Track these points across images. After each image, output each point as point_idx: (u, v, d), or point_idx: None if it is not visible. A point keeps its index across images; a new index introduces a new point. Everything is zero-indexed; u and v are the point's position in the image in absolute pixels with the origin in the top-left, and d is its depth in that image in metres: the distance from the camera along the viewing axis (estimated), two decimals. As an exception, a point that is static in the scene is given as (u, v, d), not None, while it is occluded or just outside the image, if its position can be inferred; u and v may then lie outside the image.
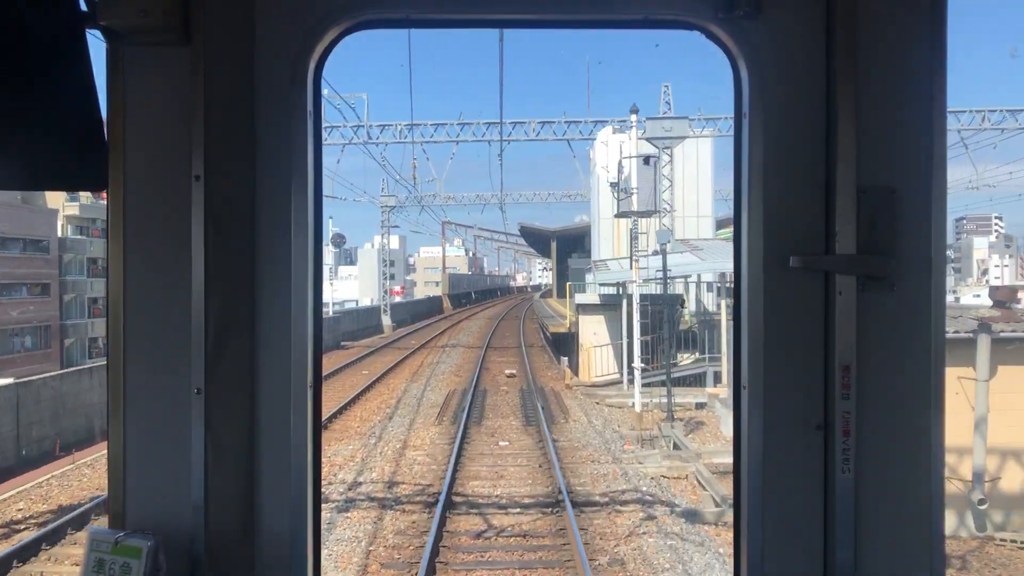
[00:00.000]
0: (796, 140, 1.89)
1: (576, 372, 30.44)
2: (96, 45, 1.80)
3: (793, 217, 1.89)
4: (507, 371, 32.02)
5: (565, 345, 35.38)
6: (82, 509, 14.98)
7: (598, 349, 29.80)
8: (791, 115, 1.89)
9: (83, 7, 1.74)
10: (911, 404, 1.88)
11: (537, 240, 79.06)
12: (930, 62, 1.87)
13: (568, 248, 66.29)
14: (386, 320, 59.87)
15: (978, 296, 43.26)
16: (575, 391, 27.39)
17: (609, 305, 30.72)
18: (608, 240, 41.53)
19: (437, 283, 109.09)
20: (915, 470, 1.88)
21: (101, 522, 12.92)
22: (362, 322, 55.48)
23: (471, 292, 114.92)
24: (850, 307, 1.85)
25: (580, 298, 33.63)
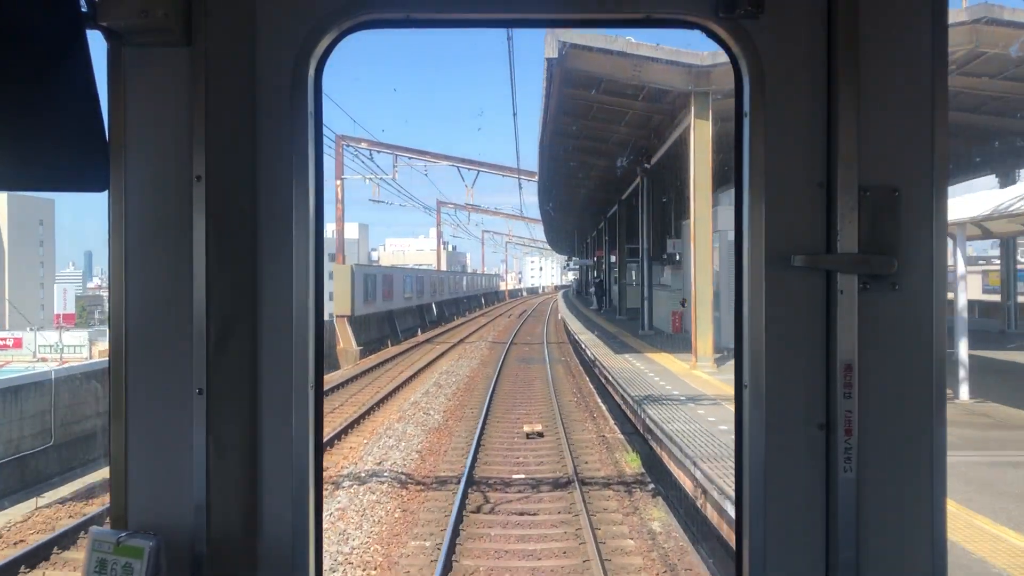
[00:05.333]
0: (798, 139, 1.90)
1: None
2: (97, 46, 1.79)
3: (795, 216, 1.90)
4: None
5: None
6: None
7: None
8: (793, 114, 1.90)
9: (83, 7, 1.73)
10: (913, 403, 1.88)
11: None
12: (932, 61, 1.87)
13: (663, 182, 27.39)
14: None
15: None
16: None
17: None
18: None
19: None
20: (917, 469, 1.88)
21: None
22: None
23: (430, 304, 59.96)
24: (852, 306, 1.85)
25: None
